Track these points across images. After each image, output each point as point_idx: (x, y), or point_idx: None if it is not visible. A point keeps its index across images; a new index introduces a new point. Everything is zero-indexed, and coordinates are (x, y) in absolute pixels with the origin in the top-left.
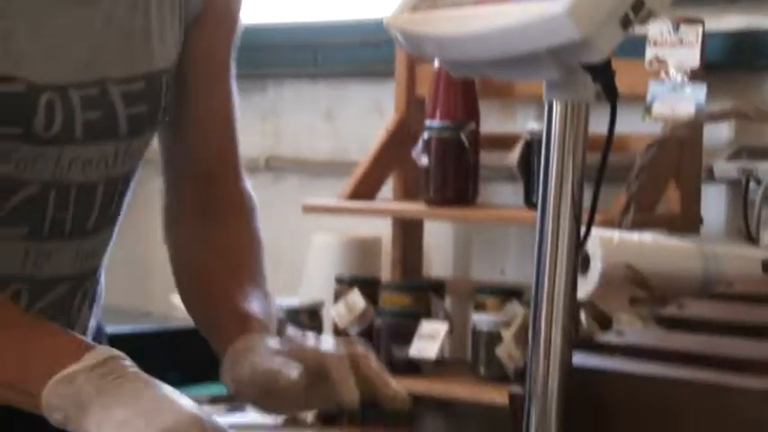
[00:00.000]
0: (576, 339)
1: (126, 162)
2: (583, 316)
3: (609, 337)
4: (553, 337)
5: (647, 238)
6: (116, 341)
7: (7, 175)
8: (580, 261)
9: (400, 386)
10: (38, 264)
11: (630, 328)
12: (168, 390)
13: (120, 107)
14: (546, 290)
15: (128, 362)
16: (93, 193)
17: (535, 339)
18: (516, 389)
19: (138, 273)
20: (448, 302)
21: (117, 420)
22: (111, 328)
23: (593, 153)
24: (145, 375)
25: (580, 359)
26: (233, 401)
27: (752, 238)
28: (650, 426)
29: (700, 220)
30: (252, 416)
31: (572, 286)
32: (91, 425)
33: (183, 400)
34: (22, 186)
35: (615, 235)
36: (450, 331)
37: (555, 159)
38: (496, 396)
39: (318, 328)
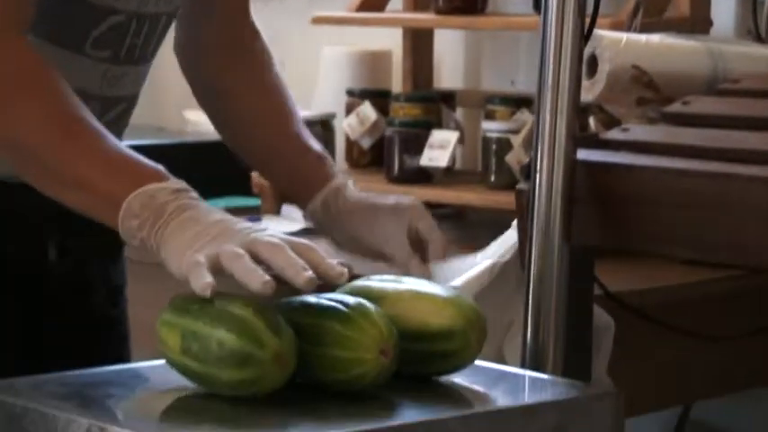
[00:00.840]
0: (581, 136)
1: None
2: (591, 120)
3: (614, 134)
4: (557, 132)
5: (654, 38)
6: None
7: (105, 3)
8: (587, 63)
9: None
10: (111, 84)
11: (636, 125)
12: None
13: None
14: (550, 84)
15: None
16: (157, 24)
17: (540, 134)
18: (522, 186)
19: (151, 90)
20: (458, 113)
21: (197, 231)
22: (126, 142)
23: None
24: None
25: (585, 155)
26: (248, 214)
27: (761, 39)
28: (656, 217)
29: (709, 23)
30: (268, 225)
31: (576, 82)
32: (168, 236)
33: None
34: (114, 14)
35: (623, 36)
36: (461, 141)
37: None
38: (506, 202)
39: (331, 140)
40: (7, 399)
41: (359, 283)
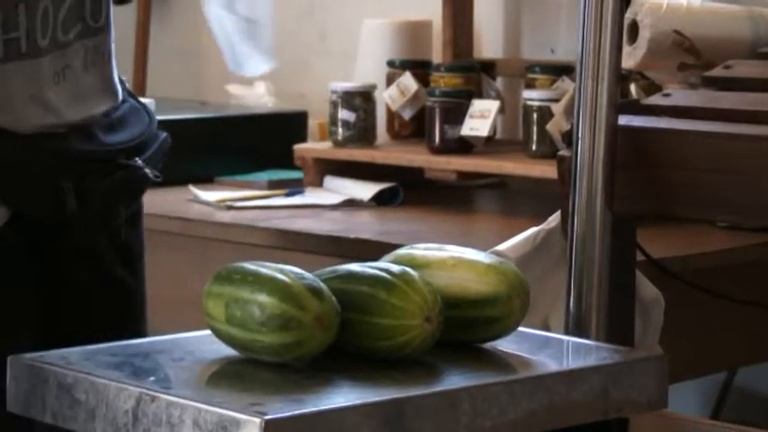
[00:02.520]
0: (623, 103)
1: None
2: (632, 87)
3: (656, 100)
4: (599, 98)
5: (695, 3)
6: (177, 127)
7: None
8: (628, 29)
9: None
10: None
11: (678, 91)
12: None
13: None
14: (591, 50)
15: None
16: None
17: (581, 101)
18: (564, 153)
19: (193, 64)
20: (499, 82)
21: None
22: (171, 116)
23: None
24: None
25: (626, 121)
26: (291, 186)
27: None
28: (699, 182)
29: None
30: (311, 197)
31: (617, 48)
32: None
33: None
34: None
35: (663, 2)
36: (502, 111)
37: None
38: (547, 171)
39: (372, 111)
40: (58, 368)
41: (402, 251)
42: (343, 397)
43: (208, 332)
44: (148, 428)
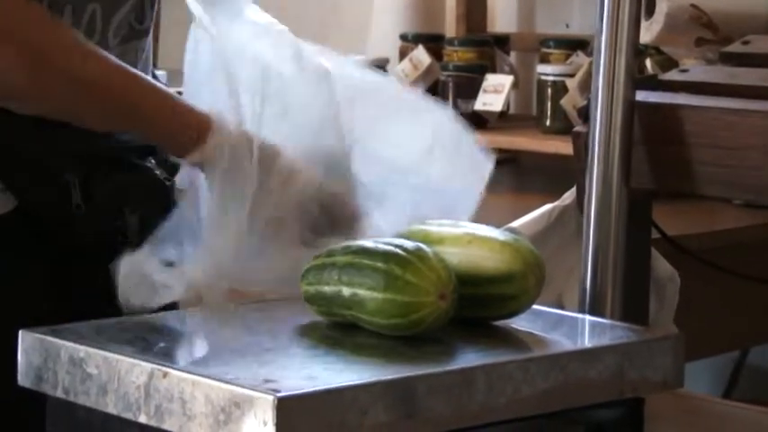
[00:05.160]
0: (639, 78)
1: None
2: (648, 62)
3: (673, 75)
4: (616, 73)
5: None
6: None
7: None
8: (645, 3)
9: None
10: None
11: (695, 66)
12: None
13: None
14: (608, 23)
15: None
16: None
17: (598, 76)
18: (579, 128)
19: None
20: (513, 57)
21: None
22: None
23: None
24: None
25: (643, 96)
26: None
27: None
28: (716, 159)
29: None
30: None
31: (635, 22)
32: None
33: None
34: None
35: None
36: (516, 86)
37: None
38: (561, 146)
39: None
40: (70, 343)
41: (416, 226)
42: (356, 374)
43: (223, 305)
44: (160, 404)
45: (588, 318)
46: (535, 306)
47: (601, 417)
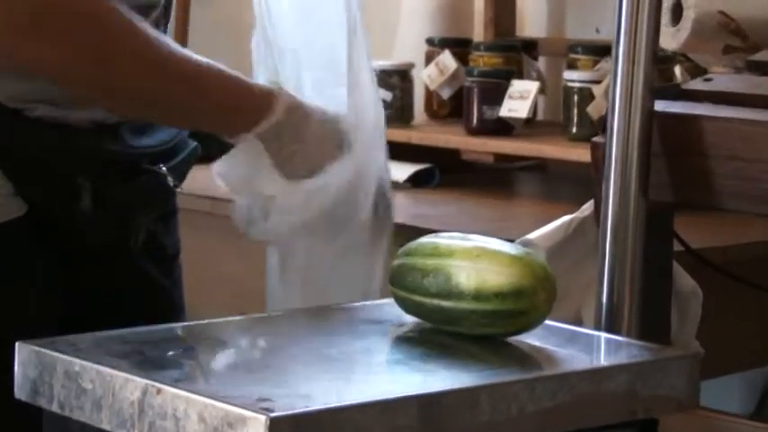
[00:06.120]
0: (661, 87)
1: None
2: (678, 70)
3: (696, 84)
4: (634, 82)
5: None
6: None
7: None
8: (672, 10)
9: None
10: None
11: (720, 75)
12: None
13: None
14: (627, 31)
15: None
16: None
17: (615, 85)
18: (598, 139)
19: (234, 39)
20: (541, 63)
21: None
22: None
23: None
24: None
25: (664, 106)
26: None
27: None
28: (739, 172)
29: None
30: None
31: (655, 28)
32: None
33: None
34: None
35: None
36: (543, 92)
37: None
38: (586, 154)
39: (409, 90)
40: (66, 356)
41: (426, 239)
42: (355, 394)
43: (224, 319)
44: (154, 421)
45: (602, 335)
46: (549, 322)
47: None
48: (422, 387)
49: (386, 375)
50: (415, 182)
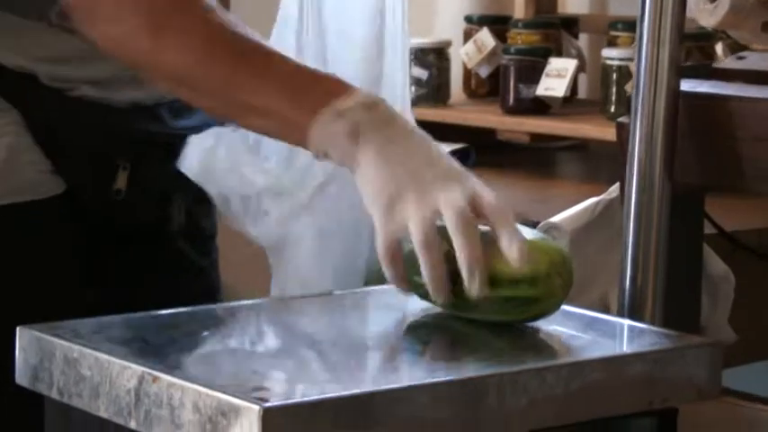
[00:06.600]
0: (690, 66)
1: None
2: (719, 47)
3: (729, 63)
4: (660, 61)
5: None
6: None
7: None
8: None
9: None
10: None
11: (755, 53)
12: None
13: None
14: (652, 9)
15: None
16: None
17: (640, 63)
18: (623, 119)
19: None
20: (583, 40)
21: (392, 153)
22: None
23: None
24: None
25: (692, 85)
26: None
27: None
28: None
29: None
30: None
31: (680, 5)
32: (361, 154)
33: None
34: None
35: None
36: (583, 70)
37: None
38: None
39: (446, 69)
40: (65, 342)
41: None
42: (357, 383)
43: (233, 303)
44: (150, 410)
45: (623, 321)
46: (569, 308)
47: (630, 428)
48: (425, 377)
49: (391, 364)
50: None
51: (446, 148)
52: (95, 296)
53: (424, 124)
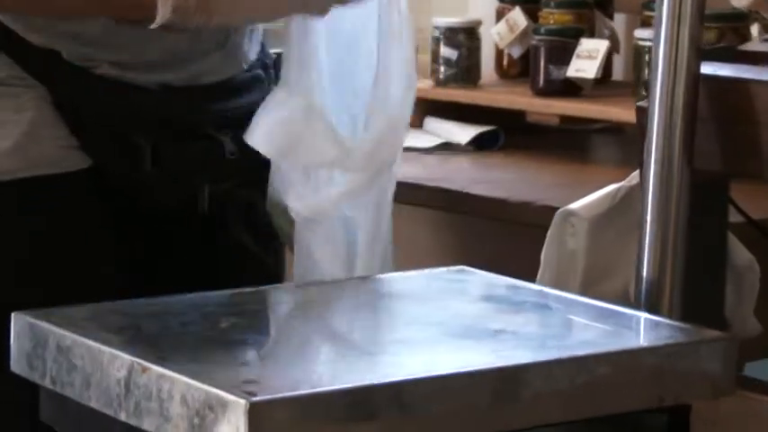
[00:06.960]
0: (713, 48)
1: None
2: (755, 28)
3: (756, 46)
4: (680, 42)
5: None
6: None
7: None
8: None
9: None
10: None
11: None
12: None
13: None
14: None
15: None
16: None
17: (658, 45)
18: (642, 103)
19: None
20: (618, 21)
21: None
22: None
23: None
24: None
25: (713, 69)
26: None
27: None
28: None
29: None
30: (407, 139)
31: None
32: None
33: None
34: None
35: None
36: (616, 50)
37: None
38: None
39: (476, 49)
40: (59, 329)
41: None
42: (350, 376)
43: (239, 290)
44: (139, 402)
45: (638, 314)
46: (577, 297)
47: (640, 425)
48: (421, 371)
49: (389, 354)
50: (479, 144)
51: (474, 129)
52: (123, 279)
53: (454, 105)
